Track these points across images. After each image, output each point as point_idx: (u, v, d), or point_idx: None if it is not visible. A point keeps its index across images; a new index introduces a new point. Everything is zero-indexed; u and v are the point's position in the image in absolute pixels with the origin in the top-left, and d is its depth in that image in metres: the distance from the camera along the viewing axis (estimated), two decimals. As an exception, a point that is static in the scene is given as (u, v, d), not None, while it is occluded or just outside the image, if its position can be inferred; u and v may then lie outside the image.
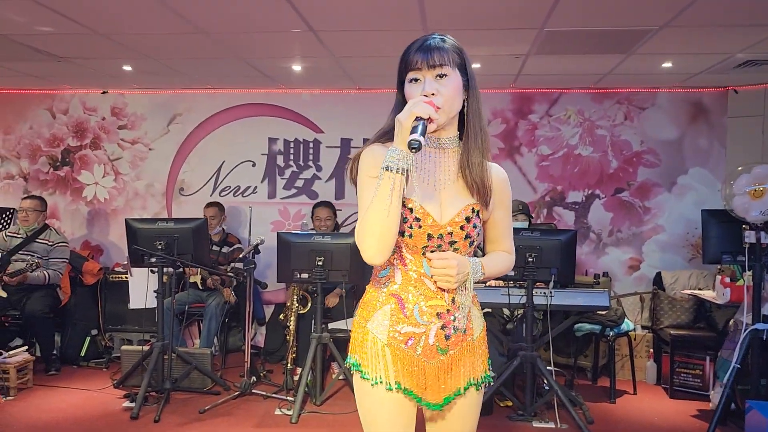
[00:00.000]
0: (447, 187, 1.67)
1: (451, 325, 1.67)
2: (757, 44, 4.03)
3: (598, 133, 5.58)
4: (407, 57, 1.63)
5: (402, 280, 1.67)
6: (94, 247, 6.04)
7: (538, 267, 3.89)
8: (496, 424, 3.94)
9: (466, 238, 1.66)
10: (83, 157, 6.07)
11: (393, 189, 1.50)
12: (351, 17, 3.70)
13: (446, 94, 1.59)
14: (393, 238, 1.56)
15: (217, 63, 4.86)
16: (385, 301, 1.68)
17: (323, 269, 4.13)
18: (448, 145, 1.69)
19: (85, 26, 3.91)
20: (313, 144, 5.88)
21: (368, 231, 1.54)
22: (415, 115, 1.50)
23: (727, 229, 3.72)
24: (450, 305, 1.67)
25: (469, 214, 1.66)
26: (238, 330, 5.59)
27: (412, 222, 1.62)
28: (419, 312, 1.65)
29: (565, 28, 3.82)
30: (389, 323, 1.66)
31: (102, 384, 4.63)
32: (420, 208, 1.62)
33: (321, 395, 4.24)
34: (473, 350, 1.73)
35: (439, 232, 1.64)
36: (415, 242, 1.64)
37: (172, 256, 4.24)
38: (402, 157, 1.51)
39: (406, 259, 1.67)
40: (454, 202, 1.66)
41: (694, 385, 4.54)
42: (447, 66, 1.61)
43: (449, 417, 1.73)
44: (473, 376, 1.72)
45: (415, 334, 1.65)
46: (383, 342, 1.66)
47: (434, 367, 1.67)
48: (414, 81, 1.62)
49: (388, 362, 1.65)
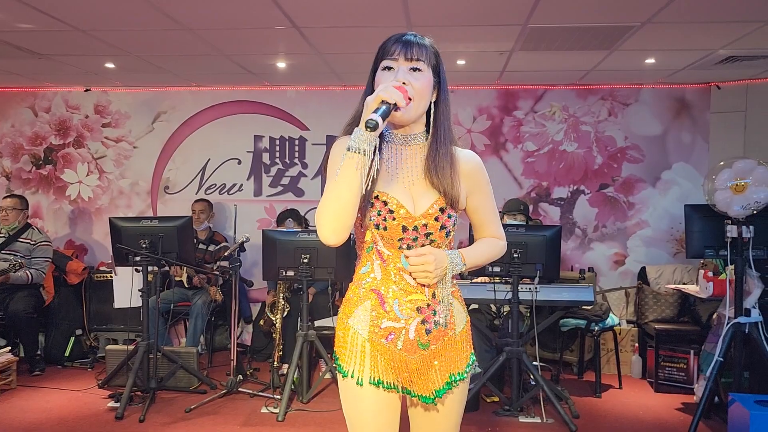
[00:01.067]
0: (416, 183, 1.67)
1: (432, 320, 1.67)
2: (739, 40, 4.07)
3: (583, 129, 5.61)
4: (385, 46, 1.65)
5: (382, 276, 1.67)
6: (78, 246, 5.98)
7: (523, 263, 3.90)
8: (482, 419, 3.95)
9: (441, 229, 1.66)
10: (66, 155, 6.02)
11: (354, 169, 1.51)
12: (334, 14, 3.69)
13: (417, 88, 1.61)
14: (350, 218, 1.56)
15: (201, 60, 4.83)
16: (365, 296, 1.68)
17: (309, 267, 4.13)
18: (415, 141, 1.70)
19: (66, 23, 3.87)
20: (299, 141, 5.87)
21: (326, 208, 1.55)
22: (381, 99, 1.51)
23: (709, 223, 3.75)
24: (430, 300, 1.67)
25: (443, 205, 1.66)
26: (225, 328, 5.57)
27: (386, 214, 1.63)
28: (399, 307, 1.65)
29: (549, 25, 3.83)
30: (369, 318, 1.66)
31: (87, 384, 4.60)
32: (393, 200, 1.63)
33: (308, 393, 4.23)
34: (455, 345, 1.72)
35: (413, 224, 1.64)
36: (391, 234, 1.64)
37: (157, 254, 4.21)
38: (364, 139, 1.51)
39: (384, 255, 1.67)
40: (425, 194, 1.67)
41: (679, 379, 4.59)
42: (423, 62, 1.64)
43: (434, 411, 1.73)
44: (455, 370, 1.71)
45: (395, 328, 1.65)
46: (364, 337, 1.67)
47: (416, 361, 1.67)
48: (387, 69, 1.64)
49: (367, 357, 1.65)
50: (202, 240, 5.37)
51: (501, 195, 5.61)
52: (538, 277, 3.95)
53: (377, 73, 1.66)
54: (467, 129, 5.71)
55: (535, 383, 3.93)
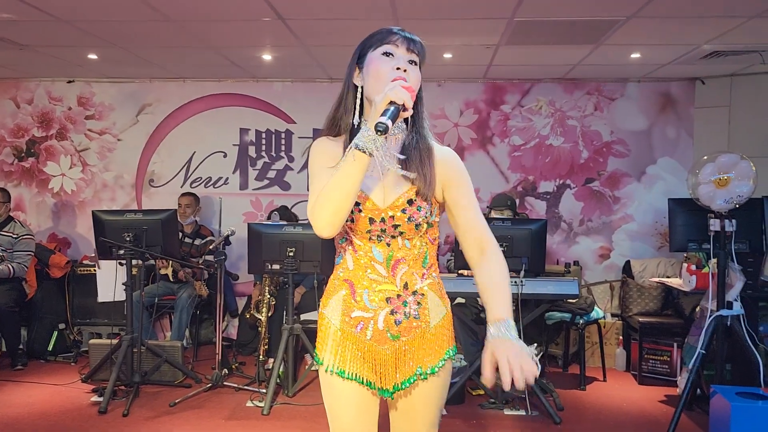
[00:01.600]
0: (391, 173, 1.65)
1: (402, 311, 1.67)
2: (723, 35, 4.09)
3: (569, 123, 5.62)
4: (383, 34, 1.65)
5: (354, 266, 1.69)
6: (61, 239, 5.92)
7: (509, 256, 3.87)
8: (467, 412, 3.97)
9: (409, 221, 1.64)
10: (49, 147, 5.94)
11: (357, 167, 1.50)
12: (320, 6, 3.66)
13: (413, 80, 1.61)
14: (346, 214, 1.56)
15: (186, 52, 4.78)
16: (339, 286, 1.71)
17: (294, 260, 4.11)
18: (393, 132, 1.68)
19: (48, 13, 3.81)
20: (285, 135, 5.83)
21: (327, 201, 1.53)
22: (390, 99, 1.49)
23: (693, 217, 3.78)
24: (402, 291, 1.67)
25: (412, 197, 1.64)
26: (210, 322, 5.54)
27: (353, 207, 1.62)
28: (368, 297, 1.66)
29: (535, 18, 3.83)
30: (342, 308, 1.69)
31: (70, 378, 4.56)
32: (360, 192, 1.63)
33: (293, 387, 4.23)
34: (428, 338, 1.69)
35: (380, 216, 1.64)
36: (358, 226, 1.65)
37: (141, 248, 4.17)
38: (373, 140, 1.50)
39: (356, 245, 1.68)
40: (396, 186, 1.66)
41: (662, 371, 4.63)
42: (419, 57, 1.66)
43: (411, 404, 1.72)
44: (424, 365, 1.68)
45: (364, 318, 1.67)
46: (336, 327, 1.69)
47: (386, 352, 1.67)
48: (387, 55, 1.63)
49: (339, 347, 1.68)
50: (188, 234, 5.34)
51: (488, 189, 5.63)
52: (524, 271, 3.96)
53: (372, 58, 1.64)
54: (454, 123, 5.71)
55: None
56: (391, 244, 1.66)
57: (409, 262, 1.67)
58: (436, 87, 5.69)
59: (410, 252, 1.67)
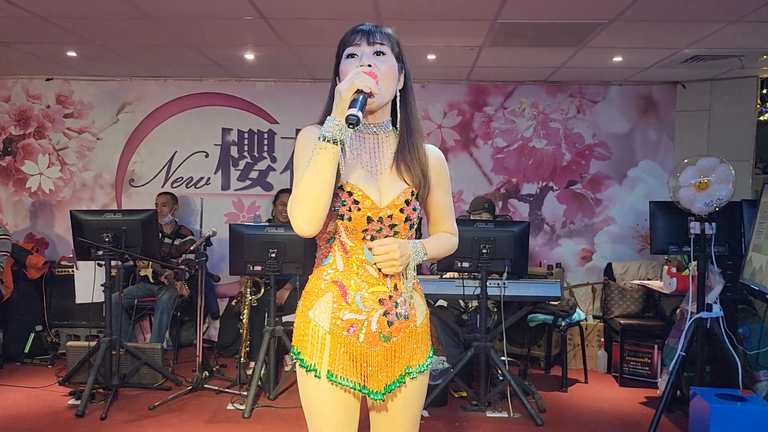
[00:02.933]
0: (384, 172, 1.68)
1: (394, 312, 1.66)
2: (702, 40, 4.13)
3: (552, 126, 5.65)
4: (346, 36, 1.66)
5: (344, 267, 1.66)
6: (39, 239, 5.82)
7: (492, 258, 3.91)
8: (450, 414, 3.96)
9: (406, 221, 1.67)
10: (27, 146, 5.84)
11: (328, 158, 1.51)
12: (303, 5, 3.64)
13: (383, 70, 1.60)
14: (325, 208, 1.55)
15: (167, 51, 4.72)
16: (327, 288, 1.67)
17: (276, 261, 4.08)
18: (382, 130, 1.70)
19: (26, 9, 3.74)
20: (267, 135, 5.79)
21: (301, 198, 1.54)
22: (356, 87, 1.50)
23: (673, 220, 3.81)
24: (392, 291, 1.67)
25: (408, 197, 1.67)
26: (191, 324, 5.48)
27: (351, 205, 1.62)
28: (361, 299, 1.64)
29: (517, 21, 3.84)
30: (331, 310, 1.65)
31: (47, 381, 4.48)
32: (358, 191, 1.62)
33: (275, 389, 4.19)
34: (416, 337, 1.72)
35: (378, 215, 1.64)
36: (355, 225, 1.63)
37: (120, 248, 4.11)
38: (339, 128, 1.50)
39: (346, 246, 1.66)
40: (393, 185, 1.67)
41: (643, 373, 4.65)
42: (386, 46, 1.64)
43: (392, 404, 1.71)
44: (413, 363, 1.71)
45: (357, 320, 1.64)
46: (325, 330, 1.65)
47: (376, 354, 1.66)
48: (351, 56, 1.63)
49: (326, 350, 1.64)
50: (167, 234, 5.28)
51: (471, 191, 5.63)
52: (507, 273, 3.97)
53: (341, 63, 1.65)
54: (438, 124, 5.71)
55: (503, 378, 3.95)
56: None
57: None
58: (420, 88, 5.68)
59: None
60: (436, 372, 4.06)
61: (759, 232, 3.58)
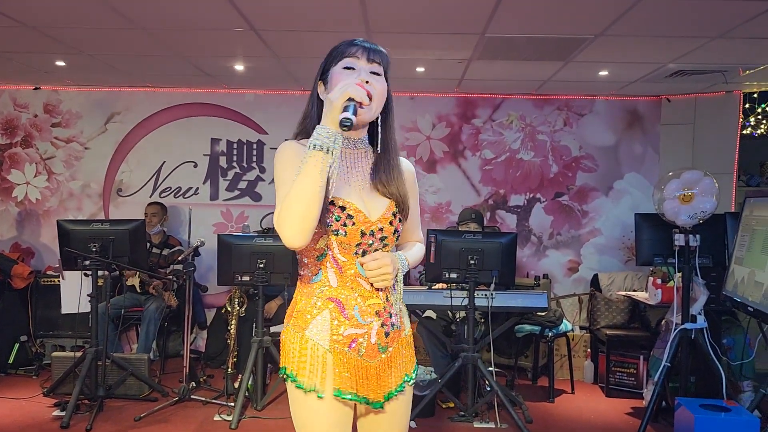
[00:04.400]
0: (364, 187, 1.69)
1: (389, 322, 1.69)
2: (686, 55, 4.20)
3: (539, 138, 5.70)
4: (343, 47, 1.65)
5: (338, 283, 1.65)
6: (25, 249, 5.78)
7: (479, 269, 3.93)
8: (437, 425, 3.96)
9: (394, 233, 1.70)
10: (13, 155, 5.81)
11: (318, 167, 1.49)
12: (293, 17, 3.66)
13: (378, 89, 1.62)
14: (315, 219, 1.52)
15: (156, 60, 4.73)
16: (323, 306, 1.64)
17: (265, 272, 4.07)
18: (358, 146, 1.72)
19: (13, 18, 3.73)
20: (256, 145, 5.80)
21: (290, 210, 1.50)
22: (348, 96, 1.50)
23: (658, 232, 3.85)
24: (385, 303, 1.69)
25: (395, 210, 1.70)
26: (179, 334, 5.44)
27: (345, 220, 1.62)
28: (360, 312, 1.64)
29: (505, 35, 3.89)
30: (330, 327, 1.63)
31: (31, 392, 4.43)
32: (351, 205, 1.63)
33: (262, 400, 4.17)
34: (407, 345, 1.77)
35: (370, 229, 1.65)
36: (349, 240, 1.63)
37: (108, 258, 4.10)
38: (331, 136, 1.50)
39: (339, 261, 1.65)
40: (377, 200, 1.69)
41: (629, 384, 4.69)
42: (381, 66, 1.66)
43: (382, 416, 1.72)
44: (407, 370, 1.75)
45: (358, 335, 1.64)
46: (325, 348, 1.62)
47: (375, 366, 1.67)
48: (349, 69, 1.63)
49: (329, 368, 1.61)
50: (156, 244, 5.25)
51: (459, 202, 5.67)
52: (494, 284, 3.99)
53: (334, 73, 1.64)
54: (426, 136, 5.75)
55: (491, 389, 3.96)
56: None
57: None
58: (409, 100, 5.73)
59: None
60: (424, 383, 4.06)
61: (740, 245, 3.63)
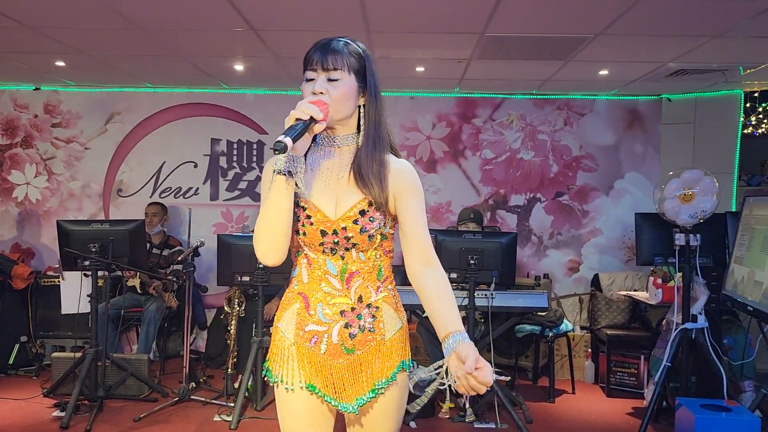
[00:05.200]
0: (342, 184, 1.67)
1: (357, 324, 1.66)
2: (687, 54, 4.20)
3: (540, 138, 5.70)
4: (307, 55, 1.67)
5: (308, 279, 1.68)
6: (25, 249, 5.78)
7: (479, 269, 3.92)
8: (437, 425, 3.96)
9: (362, 232, 1.64)
10: (14, 155, 5.81)
11: (282, 190, 1.56)
12: (292, 17, 3.66)
13: (334, 96, 1.61)
14: (284, 238, 1.60)
15: (156, 61, 4.73)
16: (293, 299, 1.70)
17: (265, 272, 4.07)
18: (344, 143, 1.69)
19: (13, 19, 3.73)
20: (257, 145, 5.80)
21: (260, 233, 1.60)
22: (295, 117, 1.53)
23: (659, 231, 3.85)
24: (356, 304, 1.67)
25: (365, 207, 1.64)
26: (179, 335, 5.44)
27: (304, 220, 1.64)
28: (322, 310, 1.66)
29: (505, 34, 3.88)
30: (296, 322, 1.68)
31: (31, 393, 4.43)
32: (311, 205, 1.64)
33: (262, 400, 4.17)
34: (384, 351, 1.68)
35: (332, 228, 1.64)
36: (310, 239, 1.65)
37: (107, 258, 4.09)
38: (285, 160, 1.55)
39: (310, 258, 1.68)
40: (348, 197, 1.66)
41: (630, 384, 4.68)
42: (340, 70, 1.62)
43: (368, 417, 1.70)
44: (380, 377, 1.67)
45: (318, 332, 1.66)
46: (290, 341, 1.68)
47: (341, 366, 1.66)
48: (309, 80, 1.65)
49: (294, 361, 1.66)
50: (156, 244, 5.25)
51: (459, 202, 5.66)
52: (494, 284, 3.98)
53: (303, 85, 1.67)
54: (426, 136, 5.74)
55: (490, 389, 3.95)
56: (345, 257, 1.66)
57: (363, 274, 1.67)
58: (409, 100, 5.72)
59: (365, 265, 1.67)
60: (424, 383, 4.05)
61: (740, 244, 3.63)
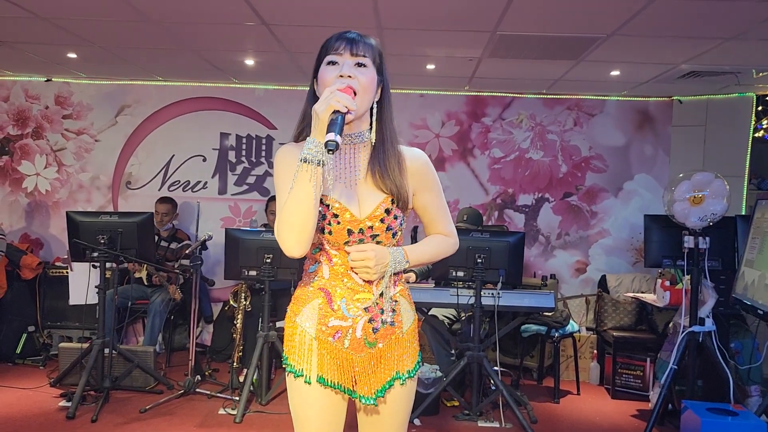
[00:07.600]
0: (361, 183, 1.67)
1: (379, 319, 1.68)
2: (700, 56, 4.17)
3: (549, 138, 5.68)
4: (329, 42, 1.64)
5: (330, 275, 1.68)
6: (34, 240, 5.81)
7: (486, 268, 3.91)
8: (442, 423, 3.96)
9: (388, 230, 1.66)
10: (24, 146, 5.84)
11: (311, 180, 1.50)
12: (305, 12, 3.66)
13: (363, 82, 1.59)
14: (312, 230, 1.56)
15: (167, 54, 4.74)
16: (314, 295, 1.69)
17: (272, 267, 4.08)
18: (359, 140, 1.68)
19: (27, 9, 3.75)
20: (265, 140, 5.81)
21: (287, 223, 1.55)
22: (333, 109, 1.48)
23: (667, 234, 3.83)
24: (378, 299, 1.68)
25: (389, 206, 1.66)
26: (185, 328, 5.46)
27: (330, 218, 1.63)
28: (346, 306, 1.66)
29: (517, 33, 3.87)
30: (317, 317, 1.67)
31: (38, 383, 4.46)
32: (337, 203, 1.63)
33: (267, 394, 4.18)
34: (402, 343, 1.73)
35: (359, 227, 1.64)
36: (336, 238, 1.65)
37: (116, 250, 4.11)
38: (320, 149, 1.50)
39: (330, 254, 1.68)
40: (370, 196, 1.66)
41: (635, 386, 4.66)
42: (368, 58, 1.62)
43: (381, 410, 1.73)
44: (401, 369, 1.72)
45: (342, 327, 1.66)
46: (311, 335, 1.67)
47: (363, 360, 1.67)
48: (332, 64, 1.62)
49: (314, 356, 1.66)
50: (164, 237, 5.27)
51: (467, 200, 5.65)
52: (501, 283, 3.97)
53: (320, 70, 1.64)
54: (435, 134, 5.73)
55: (495, 388, 3.95)
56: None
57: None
58: (419, 97, 5.71)
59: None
60: (429, 381, 4.06)
61: (752, 248, 3.60)
